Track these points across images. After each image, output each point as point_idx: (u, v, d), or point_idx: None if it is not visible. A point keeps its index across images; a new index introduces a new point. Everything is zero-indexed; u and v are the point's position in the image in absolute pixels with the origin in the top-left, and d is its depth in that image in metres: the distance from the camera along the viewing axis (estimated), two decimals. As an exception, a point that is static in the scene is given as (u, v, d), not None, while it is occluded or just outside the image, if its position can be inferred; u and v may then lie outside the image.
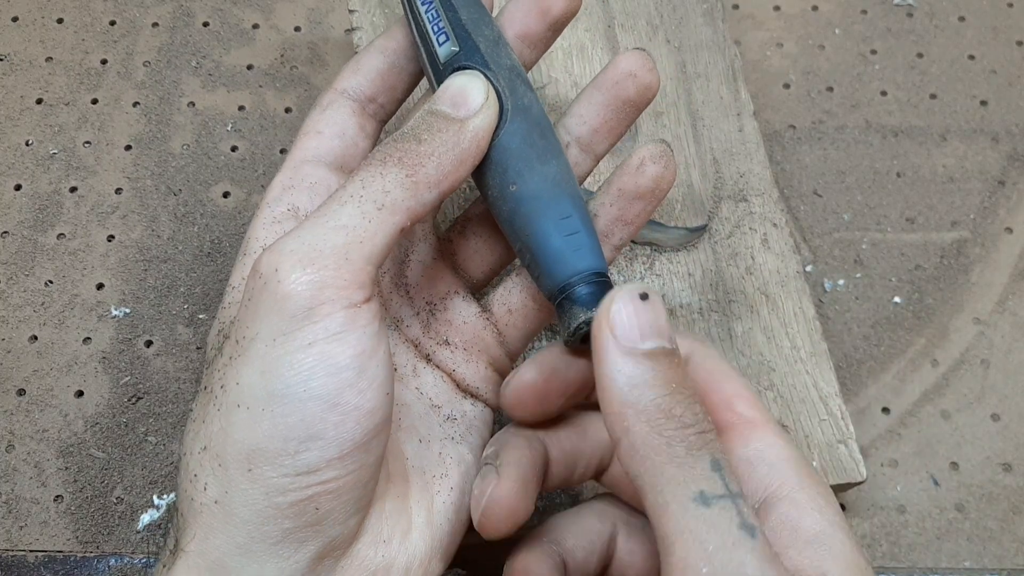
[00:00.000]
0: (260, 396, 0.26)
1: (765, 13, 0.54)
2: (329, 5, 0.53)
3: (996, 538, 0.42)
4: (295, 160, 0.33)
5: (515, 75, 0.32)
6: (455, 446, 0.32)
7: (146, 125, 0.49)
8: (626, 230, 0.33)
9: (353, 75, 0.35)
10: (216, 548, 0.26)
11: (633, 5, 0.49)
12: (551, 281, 0.30)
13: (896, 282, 0.47)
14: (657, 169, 0.32)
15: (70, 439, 0.42)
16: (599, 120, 0.34)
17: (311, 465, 0.26)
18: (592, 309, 0.29)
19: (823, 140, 0.50)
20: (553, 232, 0.30)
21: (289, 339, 0.26)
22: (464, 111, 0.30)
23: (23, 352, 0.43)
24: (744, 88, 0.47)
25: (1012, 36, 0.53)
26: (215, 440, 0.26)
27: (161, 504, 0.41)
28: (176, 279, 0.45)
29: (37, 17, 0.52)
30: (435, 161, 0.29)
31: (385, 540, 0.28)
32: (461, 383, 0.34)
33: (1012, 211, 0.49)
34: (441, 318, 0.34)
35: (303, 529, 0.26)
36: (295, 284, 0.26)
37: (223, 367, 0.27)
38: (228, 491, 0.26)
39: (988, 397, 0.44)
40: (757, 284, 0.42)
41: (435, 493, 0.31)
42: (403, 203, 0.28)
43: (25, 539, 0.40)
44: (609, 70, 0.33)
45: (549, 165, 0.31)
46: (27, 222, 0.46)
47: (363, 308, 0.27)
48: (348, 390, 0.26)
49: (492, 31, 0.33)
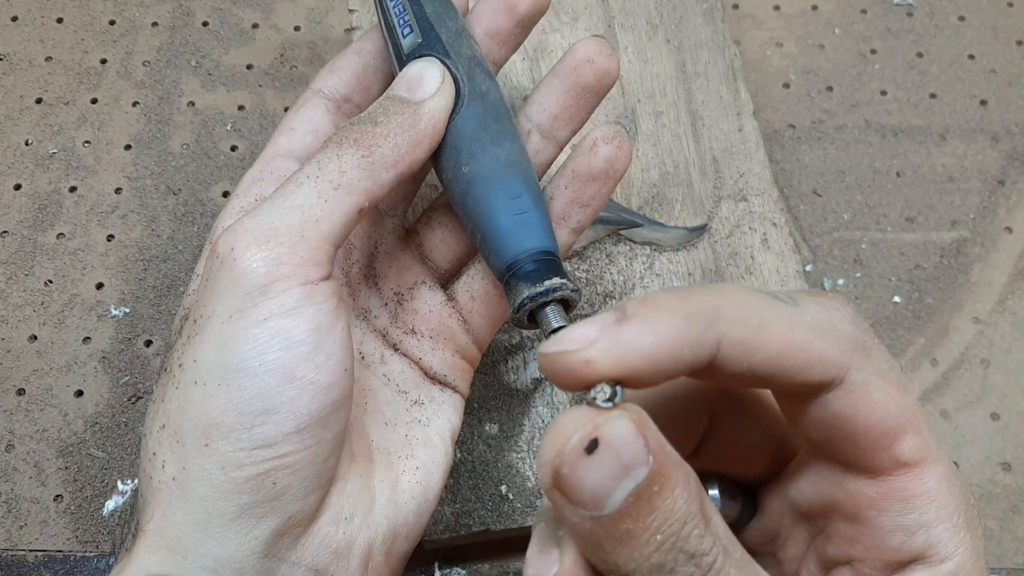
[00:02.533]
0: (216, 371, 0.26)
1: (765, 13, 0.54)
2: (329, 5, 0.53)
3: (996, 538, 0.42)
4: (267, 155, 0.34)
5: (475, 64, 0.33)
6: (422, 428, 0.32)
7: (146, 125, 0.49)
8: (583, 212, 0.33)
9: (329, 75, 0.36)
10: (175, 525, 0.26)
11: (633, 5, 0.49)
12: (499, 259, 0.30)
13: (896, 282, 0.47)
14: (610, 150, 0.32)
15: (70, 439, 0.42)
16: (558, 107, 0.34)
17: (267, 439, 0.26)
18: (536, 284, 0.29)
19: (823, 140, 0.50)
20: (502, 211, 0.30)
21: (244, 315, 0.26)
22: (420, 94, 0.31)
23: (23, 352, 0.43)
24: (744, 88, 0.47)
25: (1012, 36, 0.53)
26: (173, 417, 0.27)
27: (126, 489, 0.40)
28: (176, 279, 0.45)
29: (37, 17, 0.52)
30: (391, 142, 0.29)
31: (347, 517, 0.29)
32: (428, 371, 0.34)
33: (1012, 211, 0.49)
34: (408, 307, 0.34)
35: (261, 504, 0.26)
36: (251, 261, 0.26)
37: (181, 347, 0.28)
38: (185, 467, 0.26)
39: (988, 396, 0.44)
40: (757, 284, 0.42)
41: (400, 472, 0.31)
42: (359, 183, 0.28)
43: (25, 539, 0.40)
44: (567, 57, 0.34)
45: (502, 147, 0.31)
46: (27, 222, 0.46)
47: (320, 285, 0.27)
48: (304, 364, 0.26)
49: (455, 23, 0.34)
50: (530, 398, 0.40)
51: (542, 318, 0.30)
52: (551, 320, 0.30)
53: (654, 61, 0.47)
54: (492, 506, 0.38)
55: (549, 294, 0.29)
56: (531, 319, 0.30)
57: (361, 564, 0.29)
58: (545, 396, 0.40)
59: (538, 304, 0.30)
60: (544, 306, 0.30)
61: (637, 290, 0.42)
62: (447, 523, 0.37)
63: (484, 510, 0.38)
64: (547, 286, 0.29)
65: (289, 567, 0.27)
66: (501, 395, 0.40)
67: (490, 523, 0.37)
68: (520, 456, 0.39)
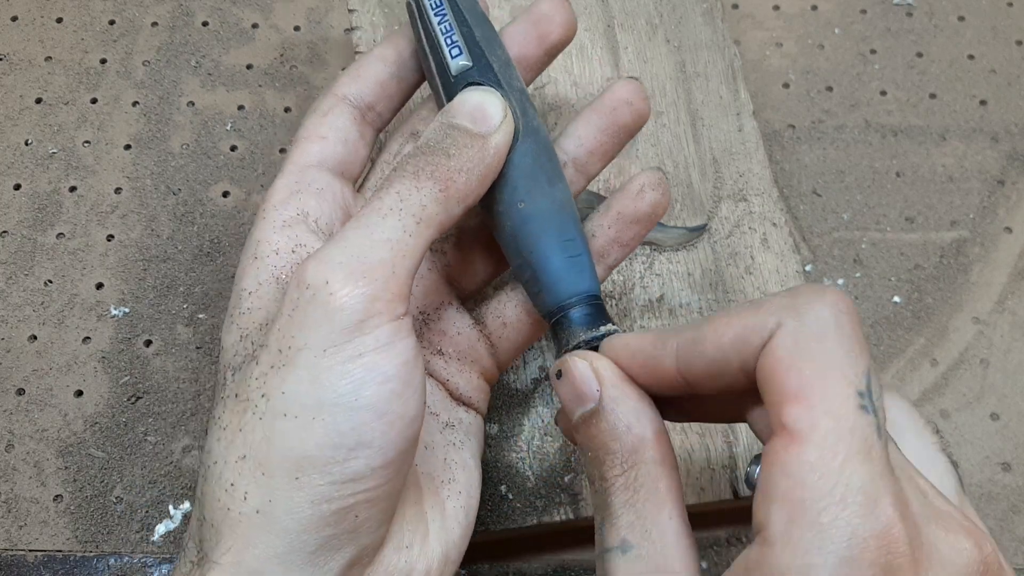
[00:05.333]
0: (310, 405, 0.26)
1: (765, 13, 0.54)
2: (328, 4, 0.53)
3: (995, 537, 0.42)
4: (298, 164, 0.34)
5: (524, 98, 0.33)
6: (457, 452, 0.33)
7: (145, 125, 0.49)
8: (621, 251, 0.35)
9: (353, 82, 0.35)
10: (254, 558, 0.26)
11: (632, 5, 0.49)
12: (551, 299, 0.32)
13: (895, 282, 0.47)
14: (656, 196, 0.34)
15: (69, 439, 0.42)
16: (595, 143, 0.35)
17: (357, 473, 0.26)
18: (589, 330, 0.31)
19: (822, 140, 0.50)
20: (557, 252, 0.31)
21: (340, 350, 0.26)
22: (485, 127, 0.30)
23: (22, 352, 0.43)
24: (743, 88, 0.47)
25: (1012, 36, 0.53)
26: (257, 449, 0.26)
27: (176, 514, 0.40)
28: (176, 279, 0.45)
29: (36, 16, 0.52)
30: (464, 177, 0.29)
31: (407, 546, 0.29)
32: (454, 392, 0.34)
33: (1011, 211, 0.49)
34: (435, 328, 0.34)
35: (340, 537, 0.26)
36: (347, 297, 0.26)
37: (262, 376, 0.27)
38: (272, 499, 0.26)
39: (987, 397, 0.44)
40: (757, 284, 0.42)
41: (446, 498, 0.31)
42: (436, 217, 0.28)
43: (24, 539, 0.40)
44: (606, 97, 0.35)
45: (556, 187, 0.32)
46: (26, 222, 0.46)
47: (404, 320, 0.27)
48: (395, 399, 0.26)
49: (504, 52, 0.34)
50: (530, 398, 0.40)
51: None
52: None
53: (654, 61, 0.47)
54: (492, 506, 0.38)
55: (603, 339, 0.31)
56: None
57: None
58: (545, 396, 0.40)
59: (592, 348, 0.31)
60: (595, 349, 0.31)
61: (637, 290, 0.42)
62: (447, 523, 0.37)
63: (484, 510, 0.38)
64: (602, 332, 0.31)
65: None
66: (501, 395, 0.40)
67: (490, 523, 0.37)
68: (520, 456, 0.39)
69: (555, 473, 0.38)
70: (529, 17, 0.35)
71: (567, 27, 0.35)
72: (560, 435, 0.39)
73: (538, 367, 0.40)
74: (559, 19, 0.35)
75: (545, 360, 0.40)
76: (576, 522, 0.38)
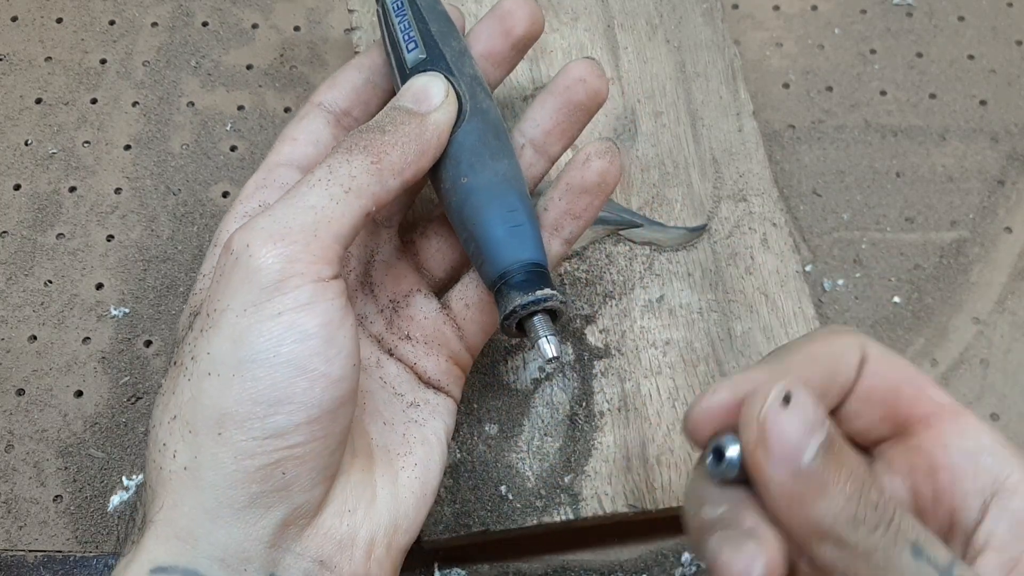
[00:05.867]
0: (231, 363, 0.27)
1: (765, 13, 0.54)
2: (328, 5, 0.53)
3: (995, 538, 0.42)
4: (270, 163, 0.36)
5: (476, 83, 0.34)
6: (419, 428, 0.33)
7: (145, 125, 0.49)
8: (576, 223, 0.35)
9: (330, 89, 0.37)
10: (184, 515, 0.27)
11: (632, 5, 0.49)
12: (493, 268, 0.32)
13: (895, 282, 0.47)
14: (602, 164, 0.34)
15: (69, 439, 0.42)
16: (551, 123, 0.36)
17: (279, 429, 0.27)
18: (527, 294, 0.31)
19: (822, 140, 0.50)
20: (498, 223, 0.32)
21: (259, 309, 0.27)
22: (426, 106, 0.32)
23: (22, 352, 0.43)
24: (743, 88, 0.47)
25: (1012, 36, 0.53)
26: (185, 408, 0.28)
27: (131, 485, 0.41)
28: (175, 279, 0.45)
29: (36, 17, 0.52)
30: (399, 150, 0.30)
31: (350, 510, 0.29)
32: (423, 375, 0.35)
33: (1011, 211, 0.49)
34: (403, 314, 0.35)
35: (270, 494, 0.27)
36: (265, 258, 0.27)
37: (193, 340, 0.28)
38: (197, 456, 0.27)
39: (987, 397, 0.44)
40: (757, 284, 0.42)
41: (399, 468, 0.32)
42: (368, 188, 0.29)
43: (24, 539, 0.40)
44: (560, 77, 0.36)
45: (500, 162, 0.33)
46: (26, 222, 0.46)
47: (331, 283, 0.28)
48: (316, 357, 0.27)
49: (459, 44, 0.35)
50: (530, 398, 0.40)
51: (530, 327, 0.31)
52: (539, 329, 0.31)
53: (654, 61, 0.47)
54: (492, 506, 0.38)
55: (539, 303, 0.31)
56: (519, 328, 0.32)
57: (364, 555, 0.29)
58: (545, 396, 0.40)
59: (528, 313, 0.31)
60: (532, 315, 0.31)
61: (636, 290, 0.42)
62: (447, 523, 0.37)
63: (484, 510, 0.38)
64: (537, 296, 0.31)
65: (294, 557, 0.28)
66: (501, 395, 0.40)
67: (490, 523, 0.37)
68: (520, 456, 0.39)
69: (555, 473, 0.38)
70: (494, 13, 0.37)
71: (531, 22, 0.36)
72: (560, 435, 0.39)
73: (538, 367, 0.40)
74: (521, 14, 0.36)
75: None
76: (576, 522, 0.38)
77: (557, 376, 0.40)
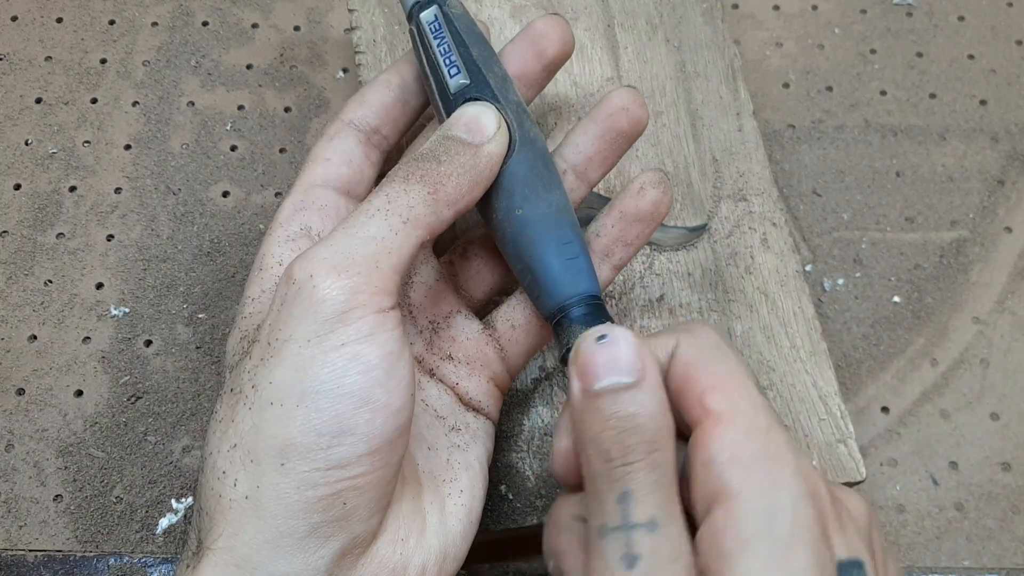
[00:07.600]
0: (294, 393, 0.27)
1: (765, 13, 0.54)
2: (328, 4, 0.53)
3: (995, 537, 0.42)
4: (304, 184, 0.35)
5: (521, 110, 0.34)
6: (461, 453, 0.33)
7: (145, 124, 0.49)
8: (626, 250, 0.36)
9: (359, 107, 0.37)
10: (244, 544, 0.27)
11: (632, 4, 0.49)
12: (550, 301, 0.32)
13: (895, 281, 0.47)
14: (656, 194, 0.35)
15: (69, 439, 0.42)
16: (594, 150, 0.36)
17: (342, 459, 0.27)
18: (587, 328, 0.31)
19: (822, 140, 0.50)
20: (555, 256, 0.32)
21: (323, 340, 0.27)
22: (479, 137, 0.32)
23: (22, 352, 0.43)
24: (743, 87, 0.47)
25: (1012, 36, 0.53)
26: (247, 437, 0.28)
27: (179, 508, 0.41)
28: (175, 278, 0.45)
29: (36, 16, 0.52)
30: (454, 181, 0.31)
31: (403, 539, 0.29)
32: (463, 397, 0.35)
33: (1011, 210, 0.49)
34: (444, 335, 0.35)
35: (330, 524, 0.27)
36: (329, 289, 0.27)
37: (253, 368, 0.28)
38: (260, 485, 0.27)
39: (987, 396, 0.44)
40: (756, 284, 0.42)
41: (446, 495, 0.32)
42: (425, 218, 0.30)
43: (24, 538, 0.40)
44: (603, 104, 0.36)
45: (553, 193, 0.33)
46: (26, 222, 0.46)
47: (390, 314, 0.28)
48: (378, 388, 0.27)
49: (500, 69, 0.35)
50: (530, 398, 0.40)
51: None
52: None
53: (654, 61, 0.47)
54: (492, 506, 0.38)
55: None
56: None
57: None
58: (545, 396, 0.40)
59: None
60: None
61: (637, 290, 0.42)
62: (447, 523, 0.37)
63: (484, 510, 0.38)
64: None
65: None
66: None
67: (490, 523, 0.37)
68: (520, 456, 0.39)
69: (555, 473, 0.38)
70: (526, 35, 0.37)
71: (563, 43, 0.36)
72: (560, 435, 0.39)
73: (538, 367, 0.40)
74: (554, 35, 0.36)
75: (545, 361, 0.40)
76: (576, 522, 0.38)
77: (557, 376, 0.40)
